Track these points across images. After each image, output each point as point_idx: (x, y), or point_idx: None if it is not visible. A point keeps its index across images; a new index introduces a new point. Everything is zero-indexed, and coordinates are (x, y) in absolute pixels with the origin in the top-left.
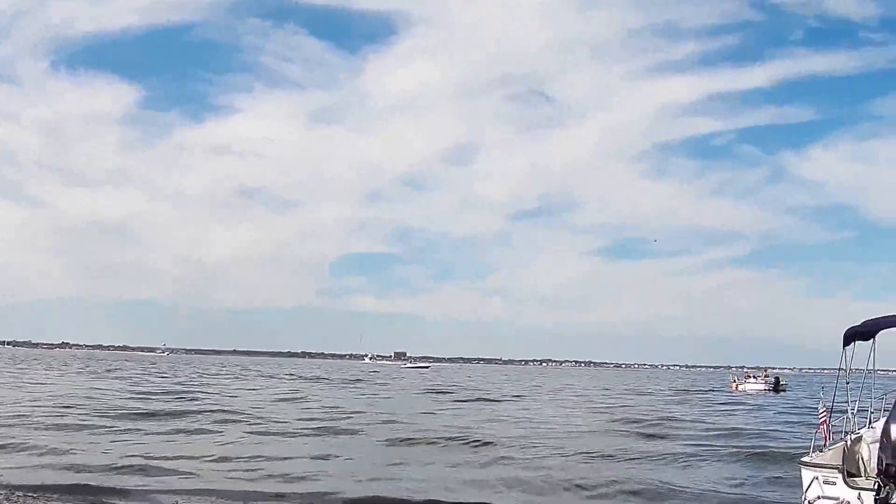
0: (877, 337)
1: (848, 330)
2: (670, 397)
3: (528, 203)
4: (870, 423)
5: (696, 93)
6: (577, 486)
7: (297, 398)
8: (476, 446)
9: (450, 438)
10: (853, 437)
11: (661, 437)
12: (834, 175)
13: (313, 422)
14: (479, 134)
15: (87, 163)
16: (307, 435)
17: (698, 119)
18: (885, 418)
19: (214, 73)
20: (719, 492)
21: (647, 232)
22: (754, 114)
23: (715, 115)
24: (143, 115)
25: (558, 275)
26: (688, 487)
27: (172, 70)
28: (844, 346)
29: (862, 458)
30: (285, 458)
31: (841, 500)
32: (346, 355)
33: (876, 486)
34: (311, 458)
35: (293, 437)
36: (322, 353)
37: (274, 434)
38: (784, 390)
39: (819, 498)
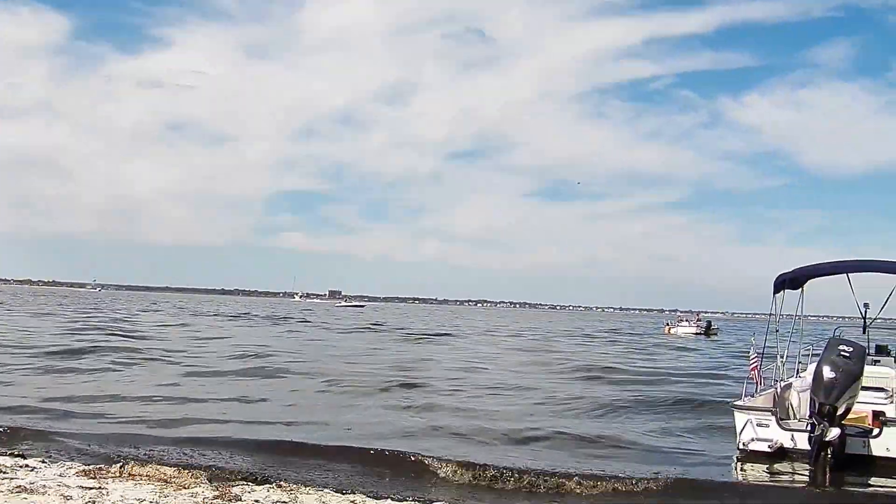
0: (805, 286)
1: (778, 277)
2: (604, 340)
3: (464, 143)
4: (797, 372)
5: (635, 36)
6: (506, 434)
7: (221, 336)
8: (405, 389)
9: (379, 380)
10: (783, 384)
11: (596, 380)
12: (769, 121)
13: (235, 361)
14: (416, 73)
15: (14, 95)
16: (227, 376)
17: (636, 62)
18: (815, 362)
19: (146, 4)
20: (653, 438)
21: (583, 174)
22: (692, 59)
23: (653, 59)
24: (72, 46)
25: (494, 216)
26: (622, 435)
27: (104, 0)
28: (774, 293)
29: (791, 405)
30: (201, 401)
31: (774, 441)
32: (279, 293)
33: (810, 426)
34: (229, 401)
35: (212, 377)
36: (255, 291)
37: (192, 375)
38: (715, 334)
39: (753, 440)
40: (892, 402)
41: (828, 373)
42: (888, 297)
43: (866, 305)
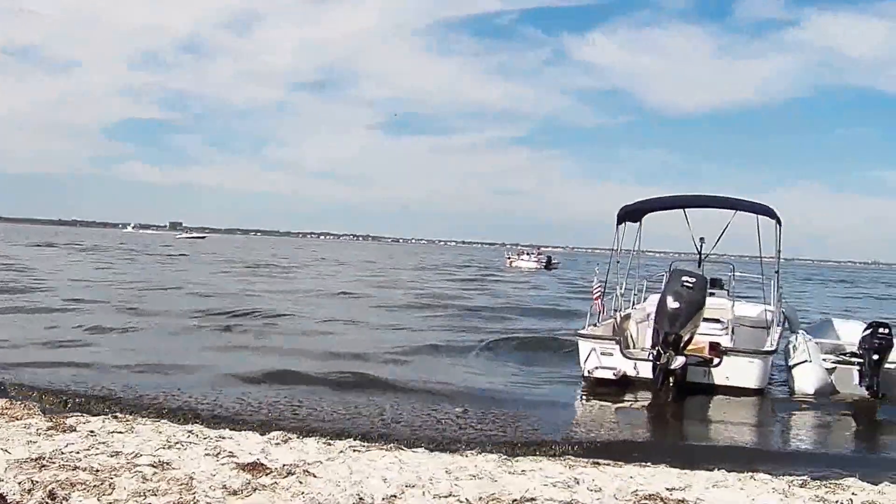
0: (643, 220)
1: (620, 210)
2: (436, 272)
3: (310, 75)
4: (633, 304)
5: None
6: (332, 379)
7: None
8: (238, 318)
9: (201, 311)
10: (622, 314)
11: (431, 308)
12: (613, 60)
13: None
14: (262, 1)
15: None
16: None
17: None
18: (655, 294)
19: None
20: (495, 373)
21: (430, 108)
22: None
23: None
24: None
25: (339, 148)
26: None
27: None
28: (617, 225)
29: (630, 335)
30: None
31: (618, 369)
32: (118, 224)
33: (656, 354)
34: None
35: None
36: (94, 222)
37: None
38: (555, 268)
39: (597, 368)
40: (727, 333)
41: (672, 303)
42: (722, 231)
43: (702, 240)
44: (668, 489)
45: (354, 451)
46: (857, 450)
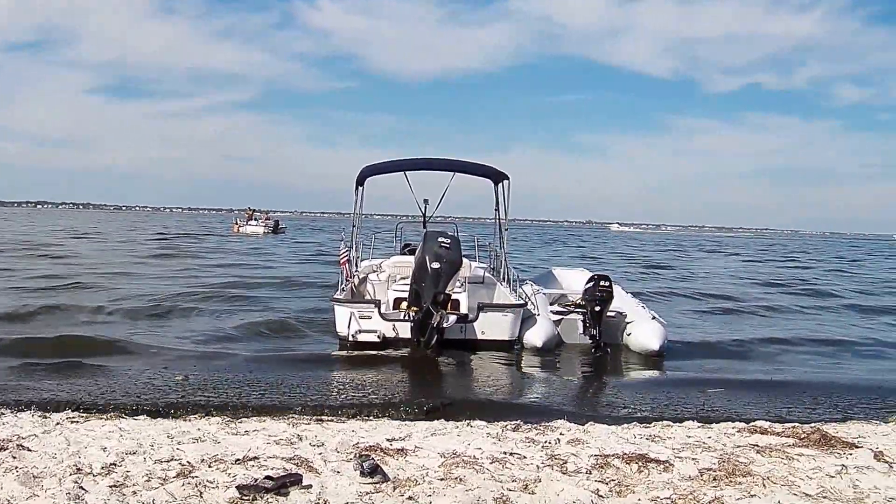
0: (366, 183)
1: (360, 173)
2: (166, 239)
3: (23, 34)
4: (357, 263)
5: None
6: (49, 349)
7: None
8: None
9: None
10: (360, 275)
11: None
12: (341, 24)
13: None
14: None
15: None
16: None
17: None
18: (396, 255)
19: None
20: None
21: (152, 72)
22: None
23: None
24: None
25: (56, 112)
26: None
27: None
28: (355, 189)
29: (369, 295)
30: None
31: (378, 332)
32: None
33: (425, 314)
34: None
35: None
36: None
37: None
38: (283, 232)
39: (360, 332)
40: (464, 291)
41: (433, 263)
42: (443, 193)
43: (426, 202)
44: (388, 440)
45: (73, 422)
46: (571, 396)
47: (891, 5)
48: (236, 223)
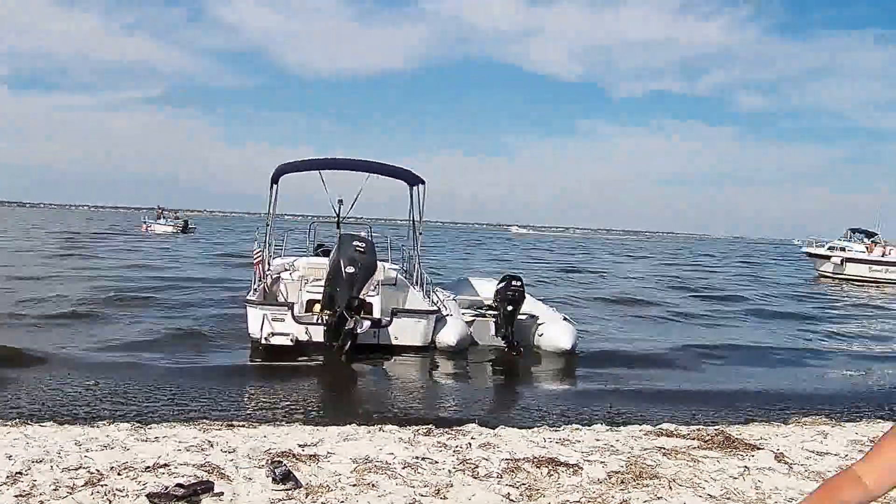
0: (280, 181)
1: (275, 171)
2: (70, 239)
3: None
4: (268, 263)
5: None
6: None
7: None
8: None
9: None
10: (272, 274)
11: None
12: (252, 20)
13: None
14: None
15: None
16: None
17: None
18: (306, 256)
19: None
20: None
21: (59, 65)
22: None
23: None
24: None
25: None
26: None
27: None
28: (270, 187)
29: (283, 296)
30: None
31: (291, 335)
32: None
33: (336, 319)
34: None
35: None
36: None
37: None
38: (192, 231)
39: (273, 334)
40: (378, 294)
41: (348, 267)
42: (357, 193)
43: (340, 202)
44: (300, 445)
45: None
46: (482, 400)
47: (789, 16)
48: (145, 222)
